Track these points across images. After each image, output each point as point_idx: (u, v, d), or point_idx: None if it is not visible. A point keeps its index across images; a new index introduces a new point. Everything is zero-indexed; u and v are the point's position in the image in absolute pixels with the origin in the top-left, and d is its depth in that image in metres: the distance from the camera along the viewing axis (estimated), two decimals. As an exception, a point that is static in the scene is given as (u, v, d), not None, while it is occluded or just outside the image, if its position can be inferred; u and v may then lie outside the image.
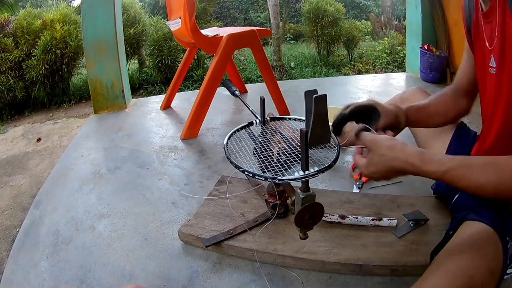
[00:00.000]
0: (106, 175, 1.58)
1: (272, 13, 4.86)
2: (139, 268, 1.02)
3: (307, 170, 0.70)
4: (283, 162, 0.78)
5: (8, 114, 3.54)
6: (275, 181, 0.70)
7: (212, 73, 1.91)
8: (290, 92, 2.62)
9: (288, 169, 0.76)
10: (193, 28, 1.86)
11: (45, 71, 3.47)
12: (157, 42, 4.13)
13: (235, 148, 0.86)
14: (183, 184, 1.46)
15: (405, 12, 3.61)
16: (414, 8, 3.03)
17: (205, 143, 1.87)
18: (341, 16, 4.97)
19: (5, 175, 2.10)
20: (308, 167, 0.70)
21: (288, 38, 7.19)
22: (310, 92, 0.74)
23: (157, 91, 4.18)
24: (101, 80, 2.47)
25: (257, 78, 4.38)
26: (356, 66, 4.91)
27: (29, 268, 1.05)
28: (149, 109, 2.53)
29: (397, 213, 1.08)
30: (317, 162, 0.77)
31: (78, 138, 2.08)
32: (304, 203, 0.73)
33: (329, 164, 0.73)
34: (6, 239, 1.49)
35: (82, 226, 1.23)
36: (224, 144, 0.85)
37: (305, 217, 0.74)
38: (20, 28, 3.56)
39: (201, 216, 1.13)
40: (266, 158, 0.81)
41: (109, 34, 2.39)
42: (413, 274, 0.89)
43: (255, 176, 0.73)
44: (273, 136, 0.91)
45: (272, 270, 0.97)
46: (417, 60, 2.95)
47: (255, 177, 0.74)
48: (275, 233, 1.03)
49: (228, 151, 0.83)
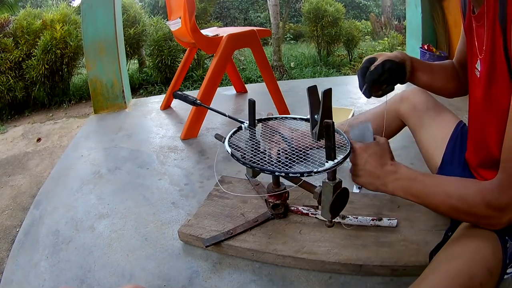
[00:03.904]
0: (106, 175, 1.58)
1: (272, 13, 4.86)
2: (139, 268, 1.02)
3: (335, 159, 0.74)
4: (285, 160, 0.81)
5: (8, 114, 3.54)
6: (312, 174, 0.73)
7: (212, 73, 1.91)
8: (290, 92, 2.62)
9: (293, 165, 0.79)
10: (193, 28, 1.86)
11: (45, 71, 3.47)
12: (157, 42, 4.13)
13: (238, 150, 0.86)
14: (183, 184, 1.46)
15: (405, 12, 3.61)
16: (414, 8, 3.03)
17: (205, 143, 1.87)
18: (341, 16, 4.97)
19: (5, 175, 2.10)
20: (336, 156, 0.74)
21: (288, 38, 7.19)
22: (311, 88, 0.79)
23: (157, 91, 4.18)
24: (101, 80, 2.47)
25: (257, 78, 4.38)
26: (356, 66, 4.91)
27: (29, 268, 1.05)
28: (149, 109, 2.53)
29: (397, 213, 1.08)
30: (316, 161, 0.78)
31: (78, 138, 2.08)
32: (336, 191, 0.77)
33: (349, 151, 0.77)
34: (6, 239, 1.49)
35: (82, 226, 1.23)
36: (230, 151, 0.85)
37: (337, 204, 0.79)
38: (20, 28, 3.56)
39: (201, 216, 1.13)
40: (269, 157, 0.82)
41: (109, 34, 2.39)
42: (413, 274, 0.88)
43: (289, 174, 0.75)
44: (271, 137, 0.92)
45: (272, 270, 0.97)
46: (417, 60, 2.95)
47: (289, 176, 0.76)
48: (275, 233, 1.03)
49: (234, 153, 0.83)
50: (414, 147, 1.20)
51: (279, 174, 0.76)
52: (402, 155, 1.56)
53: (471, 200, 0.62)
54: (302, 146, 0.86)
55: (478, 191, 0.62)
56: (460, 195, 0.63)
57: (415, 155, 1.50)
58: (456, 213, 0.67)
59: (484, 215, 0.62)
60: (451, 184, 0.66)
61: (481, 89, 0.71)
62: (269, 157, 0.85)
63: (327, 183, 0.77)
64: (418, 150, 1.11)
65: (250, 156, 0.84)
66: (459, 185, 0.65)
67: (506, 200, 0.59)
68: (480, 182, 0.64)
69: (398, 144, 1.63)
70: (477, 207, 0.62)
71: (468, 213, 0.64)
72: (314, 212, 1.08)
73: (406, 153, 1.58)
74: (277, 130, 0.96)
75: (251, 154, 0.85)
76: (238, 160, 0.80)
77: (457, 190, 0.64)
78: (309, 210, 1.09)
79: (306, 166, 0.77)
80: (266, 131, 0.97)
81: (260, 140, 0.92)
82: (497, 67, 0.64)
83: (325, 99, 0.76)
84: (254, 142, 0.90)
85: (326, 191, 0.78)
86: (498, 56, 0.63)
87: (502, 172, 0.60)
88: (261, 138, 0.94)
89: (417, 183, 0.69)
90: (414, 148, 1.16)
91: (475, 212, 0.63)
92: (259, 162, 0.82)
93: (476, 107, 0.77)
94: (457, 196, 0.64)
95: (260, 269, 0.97)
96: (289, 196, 1.08)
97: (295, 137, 0.89)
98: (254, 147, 0.88)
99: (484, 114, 0.73)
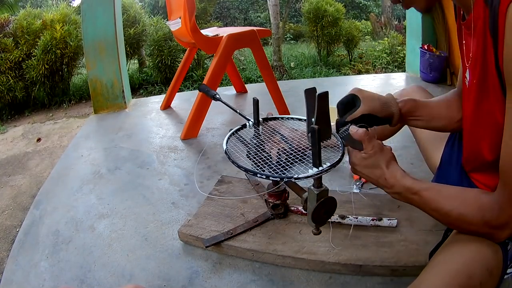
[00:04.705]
0: (106, 175, 1.58)
1: (272, 13, 4.86)
2: (139, 268, 1.02)
3: (320, 166, 0.71)
4: (282, 162, 0.78)
5: (8, 114, 3.54)
6: (291, 180, 0.71)
7: (212, 73, 1.91)
8: (290, 92, 2.62)
9: (288, 168, 0.76)
10: (193, 28, 1.86)
11: (45, 71, 3.47)
12: (157, 42, 4.13)
13: (235, 150, 0.86)
14: (183, 184, 1.46)
15: (405, 12, 3.61)
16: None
17: (205, 143, 1.87)
18: (341, 16, 4.96)
19: (5, 175, 2.10)
20: (321, 163, 0.71)
21: (288, 38, 7.18)
22: (309, 90, 0.75)
23: (157, 91, 4.18)
24: (101, 80, 2.47)
25: (257, 78, 4.38)
26: (356, 66, 4.91)
27: (29, 268, 1.05)
28: (149, 109, 2.53)
29: (397, 213, 1.08)
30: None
31: (78, 138, 2.08)
32: (319, 199, 0.74)
33: (339, 159, 0.74)
34: (6, 239, 1.49)
35: (82, 226, 1.23)
36: (225, 149, 0.84)
37: (321, 212, 0.76)
38: (20, 28, 3.56)
39: (201, 216, 1.13)
40: (265, 159, 0.81)
41: (109, 34, 2.39)
42: (413, 274, 0.88)
43: (269, 177, 0.74)
44: (271, 137, 0.91)
45: (272, 270, 0.97)
46: (417, 60, 2.95)
47: (269, 179, 0.74)
48: (275, 233, 1.03)
49: (230, 154, 0.83)
50: (414, 147, 1.20)
51: (261, 177, 0.74)
52: (402, 155, 1.56)
53: (470, 219, 0.62)
54: (301, 146, 0.85)
55: (478, 209, 0.61)
56: (459, 214, 0.63)
57: (415, 155, 1.50)
58: (455, 228, 0.68)
59: (482, 232, 0.62)
60: (450, 200, 0.65)
61: (471, 102, 0.69)
62: (268, 157, 0.85)
63: (312, 190, 0.74)
64: (418, 149, 1.11)
65: (253, 154, 0.83)
66: (458, 202, 0.64)
67: (506, 218, 0.59)
68: (480, 197, 0.63)
69: (398, 144, 1.63)
70: (476, 225, 0.62)
71: (467, 230, 0.65)
72: (314, 212, 1.08)
73: (406, 153, 1.58)
74: (278, 130, 0.95)
75: (254, 153, 0.84)
76: (229, 158, 0.79)
77: (456, 209, 0.63)
78: (309, 210, 1.08)
79: (305, 167, 0.76)
80: (266, 131, 0.97)
81: (264, 139, 0.91)
82: (488, 80, 0.61)
83: (320, 103, 0.71)
84: (258, 140, 0.89)
85: (311, 198, 0.76)
86: (489, 69, 0.60)
87: (501, 188, 0.59)
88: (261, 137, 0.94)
89: (416, 197, 0.68)
90: (414, 148, 1.16)
91: (474, 229, 0.63)
92: (259, 161, 0.82)
93: (466, 120, 0.76)
94: (456, 215, 0.63)
95: (260, 269, 0.97)
96: (289, 196, 1.08)
97: (295, 137, 0.88)
98: (259, 145, 0.87)
99: (475, 126, 0.72)
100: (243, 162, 0.79)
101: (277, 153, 0.84)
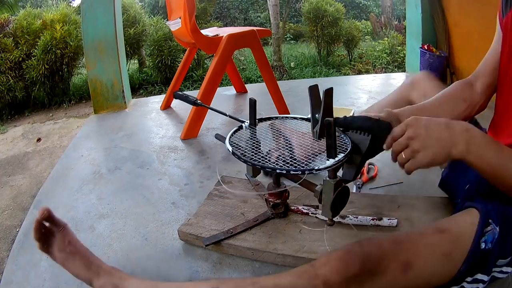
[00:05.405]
0: (106, 175, 1.58)
1: (272, 13, 4.86)
2: (139, 268, 1.02)
3: (336, 157, 0.75)
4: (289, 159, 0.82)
5: (8, 114, 3.54)
6: (312, 172, 0.74)
7: (212, 73, 1.91)
8: (290, 92, 2.62)
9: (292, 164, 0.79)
10: (193, 28, 1.86)
11: (45, 71, 3.48)
12: (157, 42, 4.13)
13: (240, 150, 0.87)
14: (183, 184, 1.46)
15: (405, 12, 3.61)
16: (414, 8, 3.03)
17: (205, 143, 1.87)
18: (341, 16, 4.97)
19: (5, 175, 2.10)
20: (336, 154, 0.75)
21: (288, 38, 7.19)
22: (312, 86, 0.80)
23: (157, 91, 4.18)
24: (101, 80, 2.47)
25: (257, 78, 4.38)
26: (356, 66, 4.92)
27: (29, 268, 1.05)
28: (149, 109, 2.53)
29: (397, 213, 1.08)
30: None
31: (78, 138, 2.08)
32: (336, 189, 0.77)
33: (350, 150, 0.77)
34: (6, 239, 1.49)
35: (82, 226, 1.23)
36: (230, 150, 0.85)
37: (338, 203, 0.79)
38: (20, 28, 3.57)
39: (201, 215, 1.13)
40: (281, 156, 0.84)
41: (109, 34, 2.39)
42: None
43: (290, 172, 0.76)
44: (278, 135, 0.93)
45: (272, 270, 0.97)
46: (417, 60, 2.95)
47: (290, 174, 0.77)
48: (275, 232, 1.03)
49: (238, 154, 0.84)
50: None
51: (280, 172, 0.77)
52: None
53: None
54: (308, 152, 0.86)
55: None
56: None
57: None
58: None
59: None
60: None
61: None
62: (270, 157, 0.85)
63: (328, 181, 0.78)
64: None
65: (251, 155, 0.84)
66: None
67: None
68: None
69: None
70: None
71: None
72: (314, 211, 1.08)
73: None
74: (283, 133, 0.96)
75: (252, 153, 0.85)
76: (239, 158, 0.80)
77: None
78: (309, 210, 1.09)
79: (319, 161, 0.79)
80: (273, 132, 0.98)
81: (260, 139, 0.92)
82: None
83: (326, 98, 0.77)
84: (254, 141, 0.90)
85: (327, 189, 0.79)
86: None
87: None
88: (269, 138, 0.95)
89: (494, 145, 0.61)
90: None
91: None
92: (259, 160, 0.82)
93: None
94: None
95: (260, 269, 0.97)
96: (289, 195, 1.08)
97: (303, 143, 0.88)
98: (255, 146, 0.88)
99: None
100: (255, 161, 0.81)
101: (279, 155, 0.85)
